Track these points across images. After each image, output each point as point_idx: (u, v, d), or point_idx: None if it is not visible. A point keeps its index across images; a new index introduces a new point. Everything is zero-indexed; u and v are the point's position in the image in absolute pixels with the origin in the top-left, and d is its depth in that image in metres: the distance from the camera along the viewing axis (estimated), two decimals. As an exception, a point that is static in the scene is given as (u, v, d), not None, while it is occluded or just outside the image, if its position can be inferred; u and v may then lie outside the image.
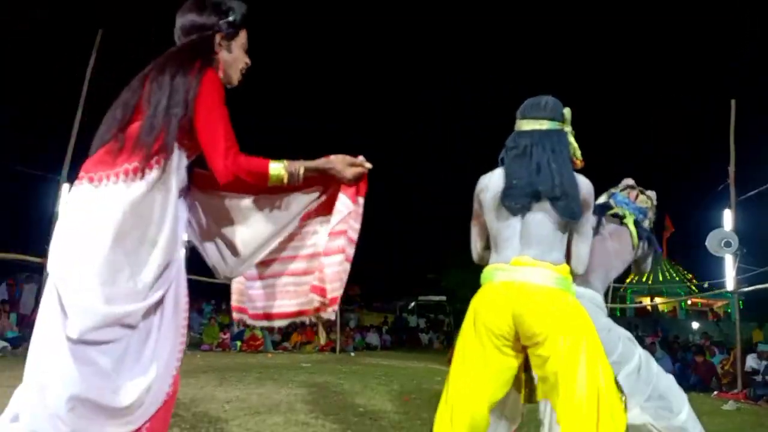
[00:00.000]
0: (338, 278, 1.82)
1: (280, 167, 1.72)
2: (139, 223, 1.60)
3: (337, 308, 1.86)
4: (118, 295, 1.55)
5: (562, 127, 2.21)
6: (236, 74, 1.88)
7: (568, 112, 2.24)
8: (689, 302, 26.89)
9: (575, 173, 2.14)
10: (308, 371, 8.15)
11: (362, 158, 1.87)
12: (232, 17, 1.83)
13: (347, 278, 1.85)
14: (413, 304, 27.99)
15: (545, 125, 2.18)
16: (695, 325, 22.84)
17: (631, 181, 3.11)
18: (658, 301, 26.91)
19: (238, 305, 2.04)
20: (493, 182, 2.18)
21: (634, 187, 3.07)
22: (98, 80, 9.50)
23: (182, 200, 1.78)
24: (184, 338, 1.75)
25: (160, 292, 1.64)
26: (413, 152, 49.16)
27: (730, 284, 9.84)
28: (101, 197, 1.59)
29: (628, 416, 2.04)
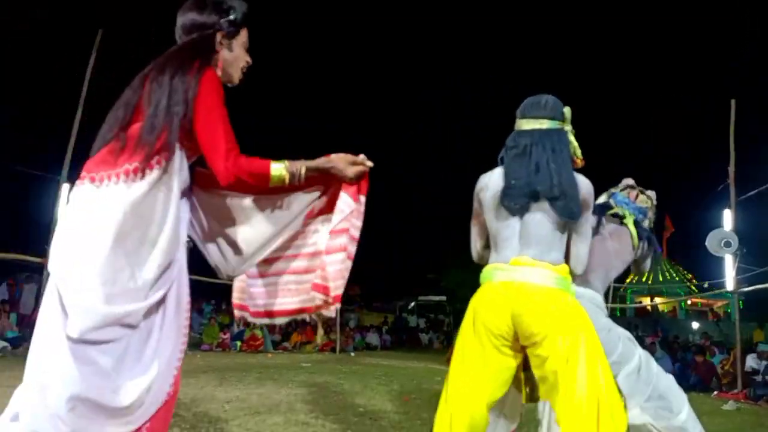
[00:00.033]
0: (341, 276, 1.82)
1: (281, 168, 1.71)
2: (139, 223, 1.60)
3: (338, 306, 1.86)
4: (118, 294, 1.55)
5: (562, 126, 2.20)
6: (237, 73, 1.88)
7: (568, 111, 2.23)
8: (689, 302, 26.86)
9: (575, 173, 2.13)
10: (308, 371, 8.15)
11: (363, 157, 1.86)
12: (233, 16, 1.82)
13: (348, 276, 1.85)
14: (413, 304, 27.97)
15: (545, 124, 2.18)
16: (695, 325, 22.80)
17: (631, 181, 3.11)
18: (658, 301, 26.87)
19: (239, 302, 2.04)
20: (492, 181, 2.18)
21: (634, 187, 3.07)
22: (98, 80, 9.52)
23: (184, 201, 1.78)
24: (185, 338, 1.75)
25: (161, 291, 1.64)
26: (413, 152, 49.30)
27: (730, 284, 9.84)
28: (102, 197, 1.59)
29: (628, 416, 2.04)
